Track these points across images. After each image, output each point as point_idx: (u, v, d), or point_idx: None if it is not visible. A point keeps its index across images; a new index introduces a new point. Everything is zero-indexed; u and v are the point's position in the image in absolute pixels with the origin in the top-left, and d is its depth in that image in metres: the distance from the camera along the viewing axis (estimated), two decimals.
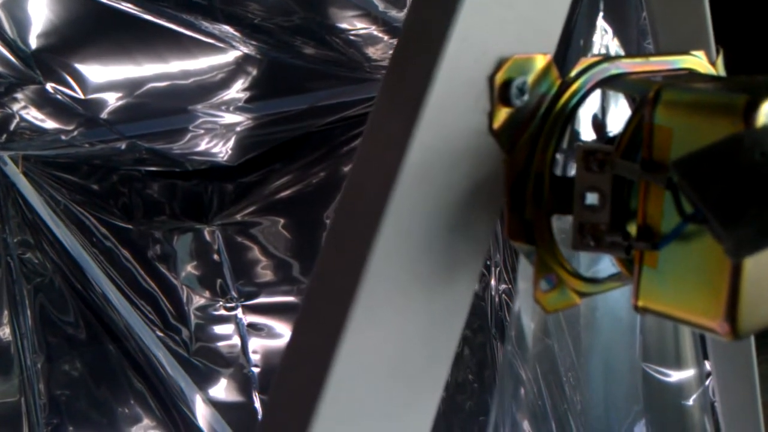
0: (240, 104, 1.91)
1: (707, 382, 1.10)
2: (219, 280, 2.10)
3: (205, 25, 1.71)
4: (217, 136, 1.99)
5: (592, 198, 0.45)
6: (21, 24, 1.71)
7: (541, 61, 0.45)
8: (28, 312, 2.09)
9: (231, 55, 1.82)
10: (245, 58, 1.82)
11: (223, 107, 1.91)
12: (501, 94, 0.44)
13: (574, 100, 0.47)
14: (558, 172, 0.47)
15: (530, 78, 0.45)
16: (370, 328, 0.39)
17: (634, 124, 0.45)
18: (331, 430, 0.39)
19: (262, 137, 1.98)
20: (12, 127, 1.94)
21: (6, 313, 2.09)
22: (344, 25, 1.72)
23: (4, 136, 1.96)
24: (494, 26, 0.43)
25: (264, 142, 1.99)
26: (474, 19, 0.42)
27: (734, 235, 0.37)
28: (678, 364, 1.12)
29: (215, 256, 2.10)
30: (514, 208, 0.46)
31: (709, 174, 0.38)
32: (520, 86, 0.44)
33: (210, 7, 1.65)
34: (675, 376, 1.12)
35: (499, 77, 0.44)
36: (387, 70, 0.43)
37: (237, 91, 1.89)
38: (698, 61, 0.53)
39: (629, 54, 0.85)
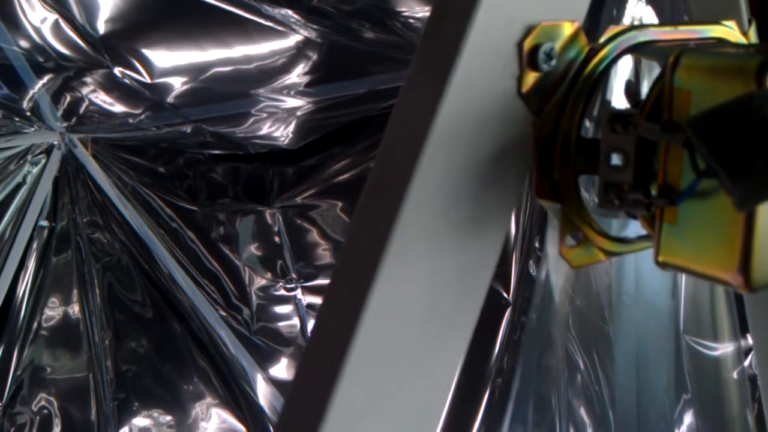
0: (301, 88, 1.95)
1: (749, 358, 1.11)
2: (279, 262, 2.15)
3: (267, 8, 1.75)
4: (278, 120, 2.03)
5: (616, 159, 0.48)
6: (90, 9, 1.78)
7: (568, 28, 0.48)
8: (97, 290, 2.17)
9: (292, 40, 1.86)
10: (306, 43, 1.86)
11: (284, 91, 1.96)
12: (529, 59, 0.47)
13: (602, 66, 0.50)
14: (585, 135, 0.50)
15: (558, 44, 0.48)
16: (401, 274, 0.43)
17: (657, 88, 0.47)
18: (362, 371, 0.43)
19: (322, 121, 2.02)
20: (81, 110, 2.02)
21: (75, 291, 2.18)
22: (404, 9, 1.75)
23: (74, 119, 2.04)
24: None
25: (324, 126, 2.03)
26: None
27: (740, 187, 0.39)
28: (715, 337, 1.13)
29: (276, 238, 2.15)
30: (541, 168, 0.49)
31: (720, 130, 0.40)
32: (548, 52, 0.47)
33: None
34: (718, 349, 1.13)
35: (528, 43, 0.47)
36: (421, 36, 0.46)
37: (298, 75, 1.93)
38: (729, 31, 0.55)
39: (658, 23, 0.87)
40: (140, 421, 2.17)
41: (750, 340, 1.11)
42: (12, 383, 2.16)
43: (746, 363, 1.16)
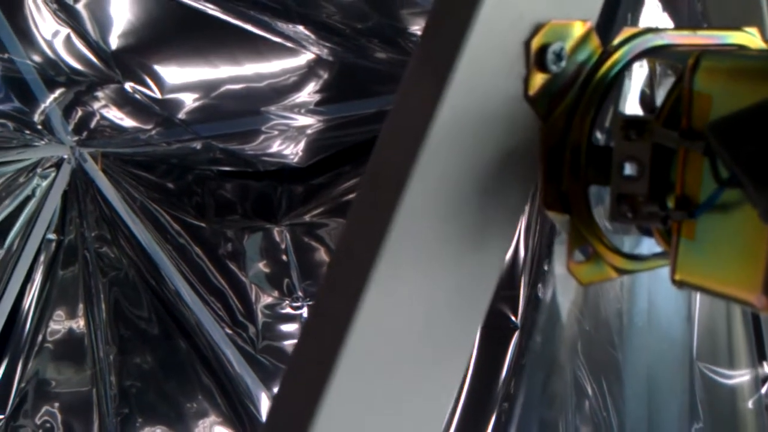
0: (311, 107, 1.93)
1: (766, 387, 1.06)
2: (286, 280, 2.12)
3: (279, 25, 1.73)
4: (288, 138, 2.01)
5: (630, 168, 0.44)
6: (102, 24, 1.76)
7: (580, 28, 0.44)
8: (103, 305, 2.14)
9: (303, 59, 1.84)
10: (317, 62, 1.84)
11: (295, 109, 1.93)
12: (537, 59, 0.43)
13: (615, 70, 0.46)
14: (596, 142, 0.46)
15: (568, 44, 0.44)
16: (394, 290, 0.39)
17: (675, 93, 0.43)
18: (347, 393, 0.38)
19: (332, 140, 1.99)
20: (92, 124, 2.00)
21: (81, 305, 2.15)
22: (416, 29, 1.73)
23: (85, 133, 2.02)
24: None
25: (334, 144, 2.00)
26: None
27: (767, 197, 0.35)
28: (730, 364, 1.08)
29: (283, 256, 2.12)
30: (549, 178, 0.45)
31: (744, 136, 0.36)
32: (557, 52, 0.43)
33: (285, 8, 1.68)
34: (734, 377, 1.09)
35: (536, 42, 0.43)
36: (422, 31, 0.43)
37: (309, 93, 1.90)
38: (750, 38, 0.51)
39: (676, 27, 0.83)
40: None
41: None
42: (16, 395, 2.14)
43: (763, 391, 1.12)
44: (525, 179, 0.44)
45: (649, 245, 0.49)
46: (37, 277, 2.12)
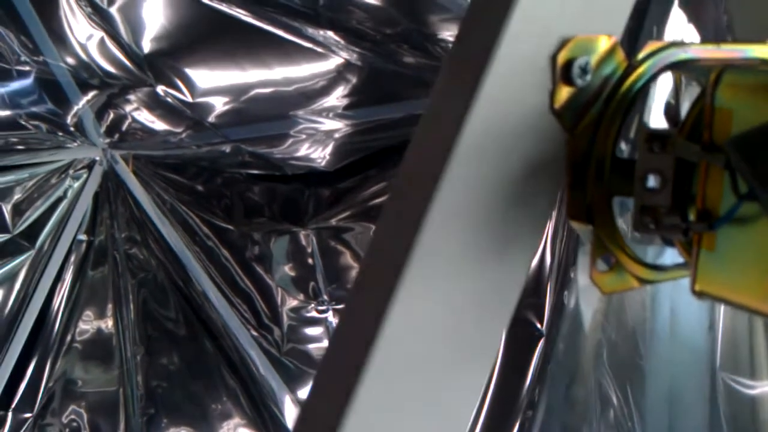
0: (339, 111, 1.94)
1: None
2: (312, 283, 2.13)
3: (309, 30, 1.75)
4: (316, 142, 2.03)
5: (653, 180, 0.45)
6: (135, 28, 1.79)
7: (605, 43, 0.46)
8: (131, 306, 2.17)
9: (332, 63, 1.86)
10: (346, 66, 1.86)
11: (323, 114, 1.95)
12: (563, 73, 0.44)
13: (640, 83, 0.47)
14: (620, 155, 0.47)
15: (593, 58, 0.45)
16: (420, 295, 0.40)
17: (698, 107, 0.45)
18: (377, 394, 0.40)
19: (360, 144, 2.01)
20: (124, 127, 2.03)
21: (110, 306, 2.18)
22: (446, 35, 1.74)
23: (117, 135, 2.05)
24: (558, 5, 0.44)
25: (361, 149, 2.02)
26: None
27: None
28: (753, 375, 1.09)
29: (309, 260, 2.13)
30: (574, 188, 0.46)
31: (764, 151, 0.38)
32: (583, 66, 0.45)
33: (315, 14, 1.70)
34: (756, 387, 1.09)
35: (562, 56, 0.44)
36: (452, 46, 0.44)
37: (337, 98, 1.92)
38: None
39: (700, 41, 0.84)
40: None
41: None
42: (44, 394, 2.17)
43: None
44: (550, 190, 0.45)
45: (672, 256, 0.50)
46: (68, 277, 2.15)
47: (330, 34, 1.71)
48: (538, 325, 1.68)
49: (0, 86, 1.90)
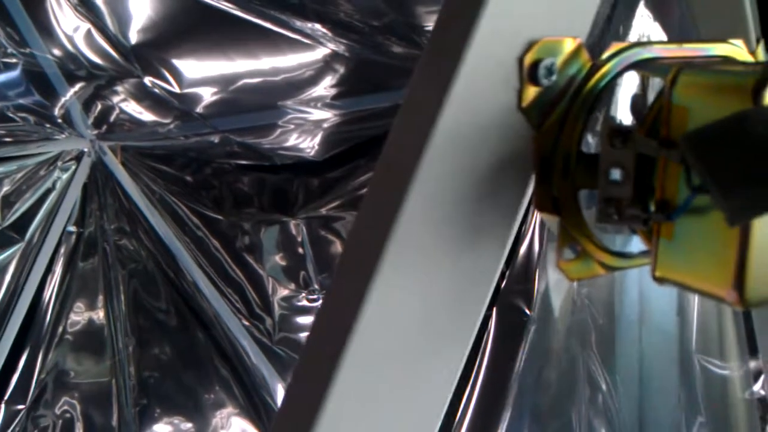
0: (327, 101, 1.97)
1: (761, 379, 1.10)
2: (302, 272, 2.16)
3: (297, 23, 1.77)
4: (305, 132, 2.05)
5: (616, 174, 0.48)
6: (122, 20, 1.81)
7: (570, 44, 0.49)
8: (122, 297, 2.20)
9: (319, 53, 1.88)
10: (333, 56, 1.88)
11: (311, 103, 1.98)
12: (530, 73, 0.48)
13: (604, 82, 0.50)
14: (587, 150, 0.50)
15: (559, 60, 0.48)
16: (397, 285, 0.44)
17: (658, 105, 0.48)
18: (354, 381, 0.43)
19: (348, 134, 2.03)
20: (112, 118, 2.05)
21: (101, 297, 2.20)
22: (430, 25, 1.76)
23: (105, 127, 2.07)
24: (525, 10, 0.47)
25: (349, 138, 2.04)
26: (506, 2, 0.46)
27: (733, 202, 0.39)
28: (722, 357, 1.13)
29: (299, 249, 2.16)
30: (542, 182, 0.49)
31: (715, 146, 0.41)
32: (549, 67, 0.48)
33: (302, 6, 1.72)
34: (726, 369, 1.13)
35: (528, 58, 0.47)
36: (425, 46, 0.47)
37: (325, 88, 1.95)
38: (736, 50, 0.56)
39: (663, 40, 0.87)
40: (161, 427, 2.19)
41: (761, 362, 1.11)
42: (36, 386, 2.19)
43: (756, 387, 1.15)
44: (519, 184, 0.48)
45: (638, 244, 0.54)
46: (58, 269, 2.17)
47: (317, 26, 1.74)
48: (527, 311, 1.72)
49: None
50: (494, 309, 1.83)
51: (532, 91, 0.48)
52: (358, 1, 1.67)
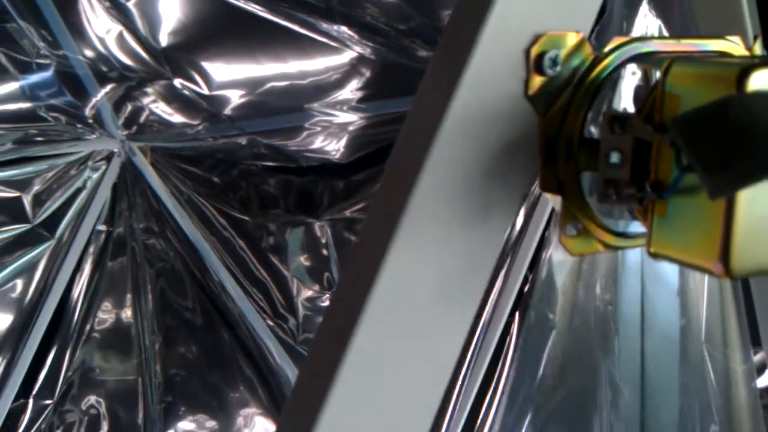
0: (353, 104, 2.01)
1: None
2: (327, 274, 2.21)
3: (324, 26, 1.82)
4: (330, 135, 2.10)
5: (615, 157, 0.53)
6: (153, 22, 1.87)
7: (573, 38, 0.54)
8: (150, 296, 2.26)
9: (346, 57, 1.93)
10: (359, 60, 1.93)
11: (337, 106, 2.02)
12: (536, 64, 0.53)
13: (605, 73, 0.55)
14: (588, 135, 0.55)
15: (563, 52, 0.54)
16: (411, 253, 0.49)
17: (653, 94, 0.53)
18: (371, 340, 0.49)
19: (373, 136, 2.07)
20: (142, 119, 2.11)
21: (129, 296, 2.27)
22: None
23: (135, 127, 2.14)
24: (532, 6, 0.52)
25: (374, 141, 2.09)
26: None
27: (715, 178, 0.44)
28: (726, 347, 1.16)
29: (324, 251, 2.21)
30: (547, 164, 0.55)
31: (700, 129, 0.46)
32: (553, 58, 0.53)
33: (329, 10, 1.77)
34: (730, 359, 1.16)
35: (534, 50, 0.53)
36: (440, 40, 0.53)
37: (351, 91, 1.99)
38: (732, 46, 0.60)
39: (662, 36, 0.92)
40: (186, 425, 2.25)
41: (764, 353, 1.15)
42: (63, 383, 2.25)
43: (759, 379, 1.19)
44: (525, 166, 0.54)
45: (637, 227, 0.58)
46: (87, 268, 2.24)
47: (344, 29, 1.79)
48: (550, 316, 1.76)
49: (21, 79, 1.97)
50: (517, 313, 1.87)
51: (537, 81, 0.53)
52: (384, 4, 1.72)
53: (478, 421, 1.87)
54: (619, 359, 1.33)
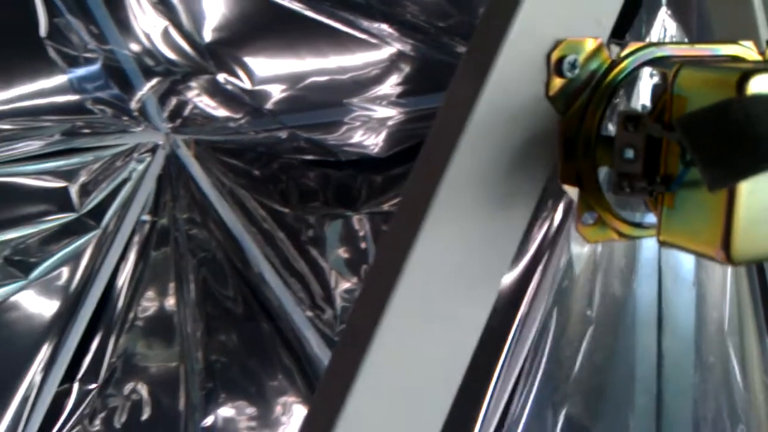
0: (392, 99, 2.05)
1: None
2: (364, 266, 2.26)
3: (364, 23, 1.87)
4: (369, 129, 2.14)
5: (629, 153, 0.59)
6: (197, 18, 1.94)
7: (591, 44, 0.60)
8: (192, 285, 2.33)
9: (385, 53, 1.97)
10: (399, 55, 1.97)
11: (376, 101, 2.06)
12: (556, 67, 0.59)
13: (621, 76, 0.61)
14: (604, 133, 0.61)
15: (581, 56, 0.59)
16: (439, 235, 0.55)
17: (664, 96, 0.58)
18: (403, 314, 0.55)
19: (411, 131, 2.11)
20: (186, 113, 2.18)
21: (172, 284, 2.34)
22: None
23: (179, 121, 2.20)
24: (553, 14, 0.58)
25: (413, 136, 2.12)
26: (536, 8, 0.57)
27: (713, 171, 0.50)
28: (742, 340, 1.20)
29: (362, 244, 2.26)
30: (566, 160, 0.60)
31: (702, 128, 0.51)
32: (572, 62, 0.59)
33: (369, 7, 1.82)
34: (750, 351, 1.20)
35: (555, 54, 0.59)
36: (468, 44, 0.59)
37: (390, 86, 2.03)
38: (744, 50, 0.66)
39: (676, 41, 0.97)
40: (225, 411, 2.32)
41: None
42: (107, 369, 2.33)
43: None
44: (545, 160, 0.60)
45: (651, 218, 0.64)
46: (131, 257, 2.31)
47: (384, 26, 1.83)
48: (588, 312, 1.80)
49: (68, 72, 2.04)
50: (555, 308, 1.91)
51: (557, 83, 0.59)
52: (424, 2, 1.76)
53: (513, 414, 1.92)
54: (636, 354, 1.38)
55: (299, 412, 2.36)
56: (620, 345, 1.51)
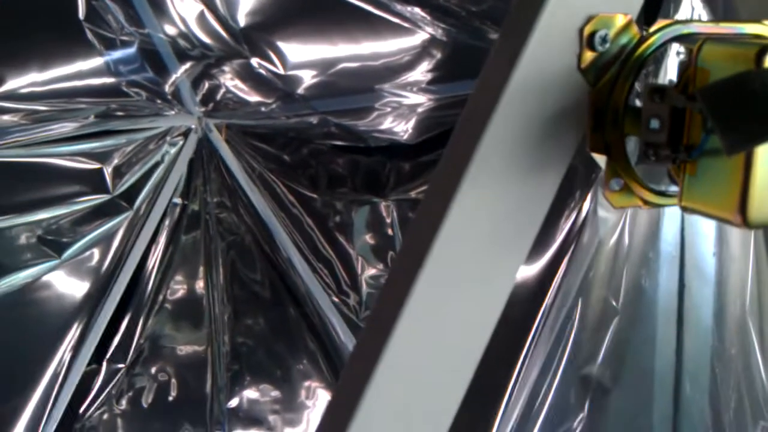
0: (423, 86, 2.09)
1: None
2: (391, 253, 2.31)
3: (398, 6, 1.91)
4: (400, 116, 2.18)
5: (655, 123, 0.64)
6: (232, 3, 1.98)
7: (622, 20, 0.65)
8: (221, 268, 2.39)
9: (418, 38, 2.01)
10: (431, 41, 2.00)
11: (407, 88, 2.10)
12: (588, 41, 0.64)
13: (649, 51, 0.66)
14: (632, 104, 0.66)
15: (612, 31, 0.64)
16: (473, 202, 0.60)
17: (689, 69, 0.63)
18: (437, 276, 0.60)
19: (441, 118, 2.15)
20: (219, 97, 2.23)
21: (201, 268, 2.40)
22: None
23: (211, 105, 2.25)
24: None
25: (443, 123, 2.16)
26: None
27: (731, 137, 0.55)
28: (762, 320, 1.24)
29: (389, 230, 2.30)
30: (595, 129, 0.65)
31: (721, 97, 0.56)
32: (603, 36, 0.64)
33: None
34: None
35: (587, 29, 0.64)
36: (504, 19, 0.64)
37: (421, 72, 2.07)
38: (767, 29, 0.70)
39: (702, 19, 1.02)
40: (250, 393, 2.39)
41: None
42: (135, 350, 2.40)
43: None
44: (576, 128, 0.65)
45: (674, 188, 0.69)
46: (162, 240, 2.37)
47: (417, 10, 1.87)
48: (614, 303, 1.84)
49: (105, 54, 2.09)
50: (580, 299, 1.95)
51: (589, 56, 0.64)
52: None
53: (535, 406, 1.95)
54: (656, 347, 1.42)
55: (323, 396, 2.42)
56: (640, 336, 1.54)
